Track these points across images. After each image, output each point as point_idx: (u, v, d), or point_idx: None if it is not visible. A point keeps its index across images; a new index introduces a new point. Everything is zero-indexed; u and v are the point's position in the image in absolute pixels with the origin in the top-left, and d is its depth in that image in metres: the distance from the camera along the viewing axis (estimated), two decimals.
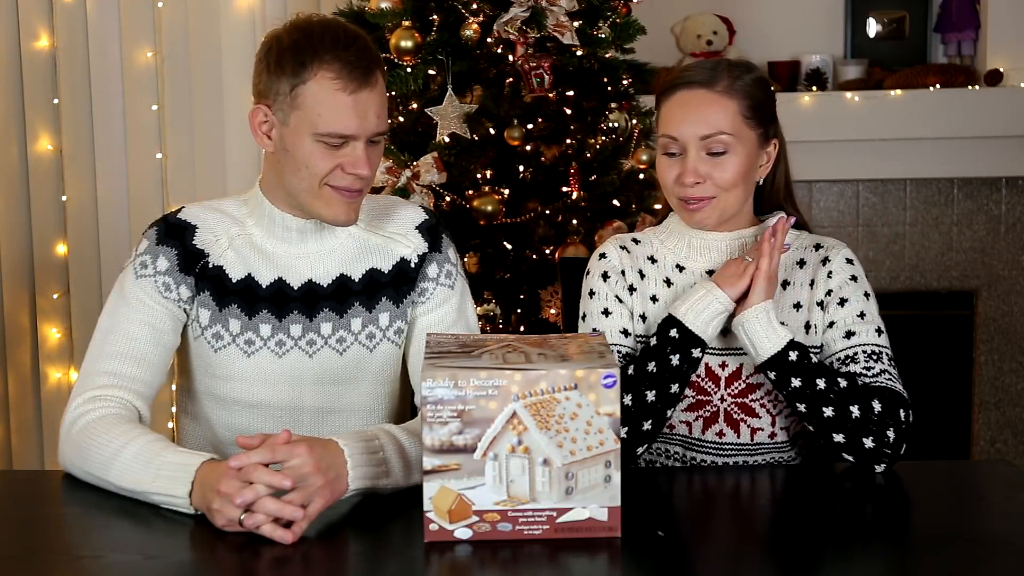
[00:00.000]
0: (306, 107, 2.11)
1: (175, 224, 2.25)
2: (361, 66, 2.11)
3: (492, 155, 3.62)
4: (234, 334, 2.24)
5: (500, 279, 3.61)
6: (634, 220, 3.57)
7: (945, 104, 4.53)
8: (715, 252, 2.33)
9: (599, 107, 3.71)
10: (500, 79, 3.60)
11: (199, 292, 2.23)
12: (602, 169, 3.65)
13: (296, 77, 2.11)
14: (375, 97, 2.14)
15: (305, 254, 2.27)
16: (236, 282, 2.24)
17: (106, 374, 2.16)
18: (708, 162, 2.22)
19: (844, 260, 2.31)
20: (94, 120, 4.44)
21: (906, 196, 4.78)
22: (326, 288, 2.27)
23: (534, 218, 3.61)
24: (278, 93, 2.13)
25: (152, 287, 2.21)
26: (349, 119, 2.11)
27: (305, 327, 2.26)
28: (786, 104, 4.71)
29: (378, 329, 2.30)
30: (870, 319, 2.26)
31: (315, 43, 2.11)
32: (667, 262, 2.36)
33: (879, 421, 2.10)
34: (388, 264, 2.32)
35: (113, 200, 4.46)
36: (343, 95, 2.10)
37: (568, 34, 3.51)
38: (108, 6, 4.39)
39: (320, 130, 2.11)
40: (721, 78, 2.23)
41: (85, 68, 4.42)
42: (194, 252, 2.23)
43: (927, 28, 4.78)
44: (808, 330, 2.28)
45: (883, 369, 2.21)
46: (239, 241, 2.26)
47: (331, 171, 2.14)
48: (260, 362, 2.25)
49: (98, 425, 2.08)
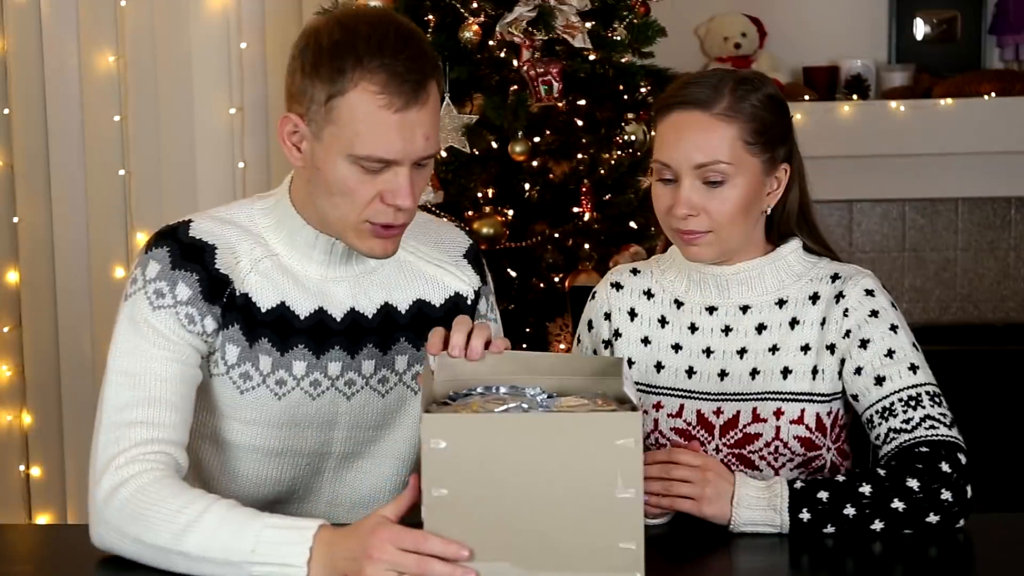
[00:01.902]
0: (343, 122, 1.99)
1: (191, 244, 2.13)
2: (412, 79, 1.98)
3: (494, 171, 3.62)
4: (264, 373, 2.15)
5: (504, 310, 3.59)
6: (653, 244, 3.56)
7: (1001, 114, 4.53)
8: (716, 288, 2.32)
9: (614, 118, 3.71)
10: (503, 87, 3.59)
11: (226, 326, 2.12)
12: (617, 187, 3.65)
13: (333, 85, 1.99)
14: (426, 115, 2.01)
15: (344, 277, 2.18)
16: (267, 311, 2.14)
17: (140, 425, 2.03)
18: (704, 193, 2.21)
19: (862, 293, 2.28)
20: (49, 133, 4.43)
21: (958, 218, 4.77)
22: (371, 320, 2.20)
23: (541, 242, 3.60)
24: (312, 101, 2.01)
25: (174, 320, 2.09)
26: (392, 141, 1.99)
27: (345, 365, 2.18)
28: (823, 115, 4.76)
29: None
30: (901, 356, 2.23)
31: (358, 46, 1.99)
32: (665, 297, 2.37)
33: (926, 496, 2.08)
34: (439, 297, 2.26)
35: (71, 222, 4.45)
36: (387, 113, 1.98)
37: (579, 36, 3.51)
38: (65, 5, 4.38)
39: (357, 151, 1.99)
40: (722, 98, 2.21)
41: (39, 74, 4.41)
42: (219, 278, 2.11)
43: (981, 30, 4.78)
44: (815, 375, 2.26)
45: (924, 416, 2.18)
46: (265, 264, 2.15)
47: (370, 202, 2.03)
48: (291, 405, 2.17)
49: (157, 489, 1.96)
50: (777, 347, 2.27)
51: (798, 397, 2.24)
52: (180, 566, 1.93)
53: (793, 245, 2.31)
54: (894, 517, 2.08)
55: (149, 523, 1.94)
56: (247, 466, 2.22)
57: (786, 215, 2.33)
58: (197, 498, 1.95)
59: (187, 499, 1.95)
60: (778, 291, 2.30)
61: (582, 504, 1.76)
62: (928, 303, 4.76)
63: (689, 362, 2.31)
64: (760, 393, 2.26)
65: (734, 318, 2.31)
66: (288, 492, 2.24)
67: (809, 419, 2.23)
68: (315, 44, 2.02)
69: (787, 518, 2.07)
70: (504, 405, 1.86)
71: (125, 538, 1.97)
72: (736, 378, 2.28)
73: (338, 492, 2.27)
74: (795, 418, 2.23)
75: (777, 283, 2.30)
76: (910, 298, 4.93)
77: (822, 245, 2.35)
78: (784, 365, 2.25)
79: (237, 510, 1.93)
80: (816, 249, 2.34)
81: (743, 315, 2.30)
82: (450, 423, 1.79)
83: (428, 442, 1.75)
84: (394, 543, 1.79)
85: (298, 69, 2.04)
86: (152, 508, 1.95)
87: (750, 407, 2.25)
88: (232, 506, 1.94)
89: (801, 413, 2.23)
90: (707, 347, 2.31)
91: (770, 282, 2.30)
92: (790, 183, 2.30)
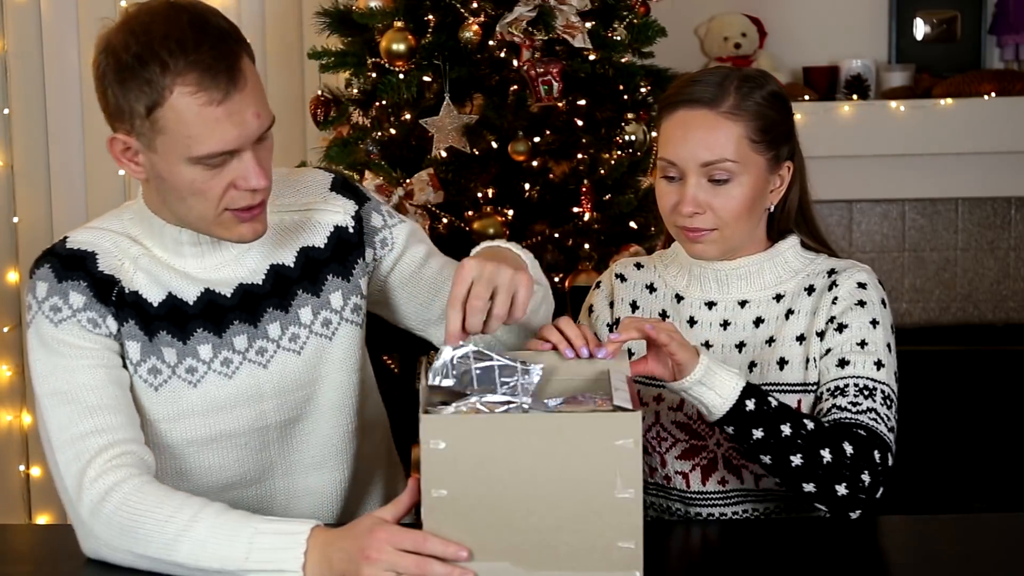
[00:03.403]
0: (171, 130, 1.96)
1: (69, 255, 2.13)
2: (222, 66, 1.95)
3: (494, 172, 3.61)
4: (172, 364, 2.14)
5: None
6: (653, 244, 3.56)
7: (1001, 114, 4.52)
8: (717, 283, 2.33)
9: (614, 118, 3.71)
10: (503, 87, 3.59)
11: (122, 322, 2.12)
12: (617, 187, 3.65)
13: (149, 97, 1.95)
14: (248, 96, 1.98)
15: (224, 261, 2.18)
16: (159, 305, 2.14)
17: (91, 435, 2.02)
18: (709, 191, 2.22)
19: (854, 285, 2.28)
20: (49, 132, 4.43)
21: (958, 218, 4.77)
22: (262, 286, 2.20)
23: (541, 242, 3.60)
24: (134, 115, 1.97)
25: (78, 328, 2.09)
26: (226, 132, 1.97)
27: (251, 335, 2.18)
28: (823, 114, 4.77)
29: (332, 312, 2.24)
30: (872, 350, 2.23)
31: (160, 52, 1.93)
32: (667, 292, 2.39)
33: (852, 464, 2.08)
34: (322, 238, 2.25)
35: (71, 221, 4.43)
36: (211, 108, 1.94)
37: (579, 36, 3.51)
38: (65, 5, 4.38)
39: (195, 153, 1.97)
40: (728, 96, 2.21)
41: (39, 74, 4.41)
42: (104, 279, 2.12)
43: (981, 30, 4.78)
44: (807, 365, 2.26)
45: (871, 407, 2.18)
46: (144, 261, 2.15)
47: (224, 193, 2.02)
48: (209, 389, 2.17)
49: (140, 499, 1.96)
50: (773, 339, 2.28)
51: (794, 388, 2.24)
52: (177, 572, 1.93)
53: (791, 241, 2.32)
54: (814, 463, 2.07)
55: (138, 536, 1.94)
56: (190, 463, 2.20)
57: (786, 212, 2.34)
58: (183, 505, 1.95)
59: (173, 507, 1.95)
60: (776, 286, 2.31)
61: (581, 504, 1.76)
62: (928, 303, 4.76)
63: None
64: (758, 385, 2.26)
65: (733, 312, 2.31)
66: (239, 475, 2.23)
67: (806, 409, 2.23)
68: (115, 61, 1.98)
69: (736, 395, 2.06)
70: (504, 406, 1.86)
71: (117, 551, 1.97)
72: None
73: (290, 460, 2.27)
74: None
75: (775, 279, 2.31)
76: (910, 298, 4.93)
77: (820, 242, 2.36)
78: (780, 356, 2.26)
79: (226, 515, 1.93)
80: (814, 246, 2.35)
81: (741, 309, 2.31)
82: (450, 423, 1.80)
83: (428, 442, 1.75)
84: (392, 544, 1.79)
85: (108, 87, 2.00)
86: (140, 519, 1.95)
87: None
88: (220, 511, 1.94)
89: (797, 404, 2.23)
90: (706, 340, 2.32)
91: (769, 277, 2.31)
92: (792, 181, 2.31)
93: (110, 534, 1.96)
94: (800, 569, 2.00)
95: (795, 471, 2.08)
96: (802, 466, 2.07)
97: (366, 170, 3.56)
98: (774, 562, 2.03)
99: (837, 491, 2.08)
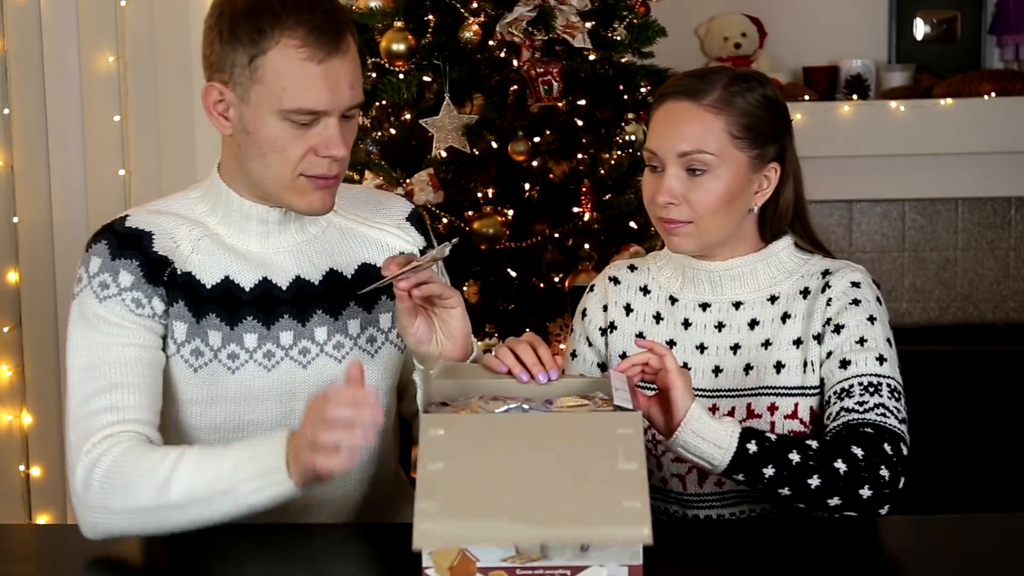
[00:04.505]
0: (268, 80, 2.04)
1: (127, 233, 2.17)
2: (330, 30, 2.04)
3: (494, 172, 3.61)
4: (215, 348, 2.17)
5: (503, 310, 3.60)
6: (652, 244, 3.56)
7: (1001, 114, 4.52)
8: (710, 283, 2.33)
9: (614, 118, 3.71)
10: (503, 87, 3.60)
11: (171, 303, 2.15)
12: (617, 187, 3.65)
13: (255, 46, 2.04)
14: (347, 65, 2.08)
15: (285, 247, 2.22)
16: (212, 287, 2.17)
17: (104, 411, 2.07)
18: (686, 182, 2.23)
19: (848, 284, 2.28)
20: (49, 132, 4.42)
21: (958, 218, 4.77)
22: (318, 287, 2.22)
23: (541, 242, 3.60)
24: (234, 65, 2.06)
25: (121, 307, 2.12)
26: (319, 92, 2.05)
27: (297, 333, 2.21)
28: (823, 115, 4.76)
29: (379, 331, 2.27)
30: (872, 346, 2.23)
31: (274, 5, 2.04)
32: (660, 294, 2.38)
33: (867, 465, 2.08)
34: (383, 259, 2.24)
35: (70, 222, 4.45)
36: (311, 65, 2.03)
37: (579, 36, 3.51)
38: (65, 5, 4.38)
39: (286, 106, 2.04)
40: (713, 90, 2.22)
41: (39, 74, 4.41)
42: (157, 259, 2.15)
43: (981, 30, 4.78)
44: (806, 368, 2.26)
45: (878, 403, 2.18)
46: (205, 242, 2.19)
47: (303, 156, 2.08)
48: (246, 378, 2.19)
49: (128, 458, 2.01)
50: (769, 342, 2.28)
51: (791, 391, 2.24)
52: (174, 519, 1.97)
53: (785, 242, 2.32)
54: (832, 477, 2.06)
55: (129, 489, 1.98)
56: None
57: (779, 215, 2.34)
58: (169, 451, 2.00)
59: (159, 456, 1.99)
60: (770, 287, 2.31)
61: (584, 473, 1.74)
62: (928, 303, 4.76)
63: (683, 358, 2.32)
64: (754, 388, 2.26)
65: (727, 314, 2.31)
66: None
67: (803, 413, 2.24)
68: (230, 10, 2.07)
69: (735, 443, 2.05)
70: (504, 406, 1.86)
71: (112, 514, 2.00)
72: (730, 374, 2.29)
73: None
74: (789, 412, 2.24)
75: (769, 279, 2.31)
76: (910, 298, 4.93)
77: (815, 244, 2.36)
78: (777, 359, 2.26)
79: (209, 449, 2.00)
80: (807, 248, 2.35)
81: (735, 311, 2.31)
82: (450, 418, 1.79)
83: (427, 431, 1.75)
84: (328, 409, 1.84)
85: (216, 38, 2.09)
86: (129, 474, 1.99)
87: (744, 403, 2.25)
88: (202, 448, 2.01)
89: (795, 407, 2.24)
90: (700, 343, 2.32)
91: (762, 278, 2.31)
92: (782, 184, 2.31)
93: (103, 498, 2.00)
94: (800, 569, 2.00)
95: (817, 492, 2.08)
96: (822, 485, 2.07)
97: (366, 170, 3.57)
98: (774, 562, 2.03)
99: (862, 495, 2.08)
